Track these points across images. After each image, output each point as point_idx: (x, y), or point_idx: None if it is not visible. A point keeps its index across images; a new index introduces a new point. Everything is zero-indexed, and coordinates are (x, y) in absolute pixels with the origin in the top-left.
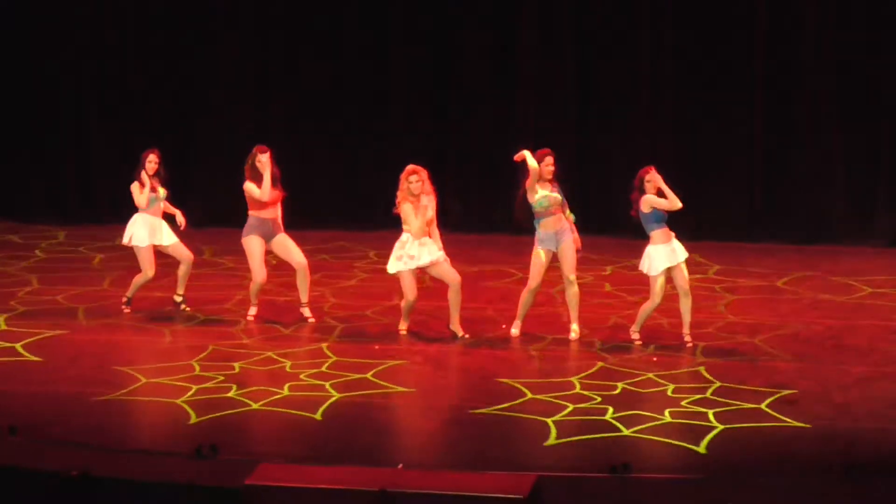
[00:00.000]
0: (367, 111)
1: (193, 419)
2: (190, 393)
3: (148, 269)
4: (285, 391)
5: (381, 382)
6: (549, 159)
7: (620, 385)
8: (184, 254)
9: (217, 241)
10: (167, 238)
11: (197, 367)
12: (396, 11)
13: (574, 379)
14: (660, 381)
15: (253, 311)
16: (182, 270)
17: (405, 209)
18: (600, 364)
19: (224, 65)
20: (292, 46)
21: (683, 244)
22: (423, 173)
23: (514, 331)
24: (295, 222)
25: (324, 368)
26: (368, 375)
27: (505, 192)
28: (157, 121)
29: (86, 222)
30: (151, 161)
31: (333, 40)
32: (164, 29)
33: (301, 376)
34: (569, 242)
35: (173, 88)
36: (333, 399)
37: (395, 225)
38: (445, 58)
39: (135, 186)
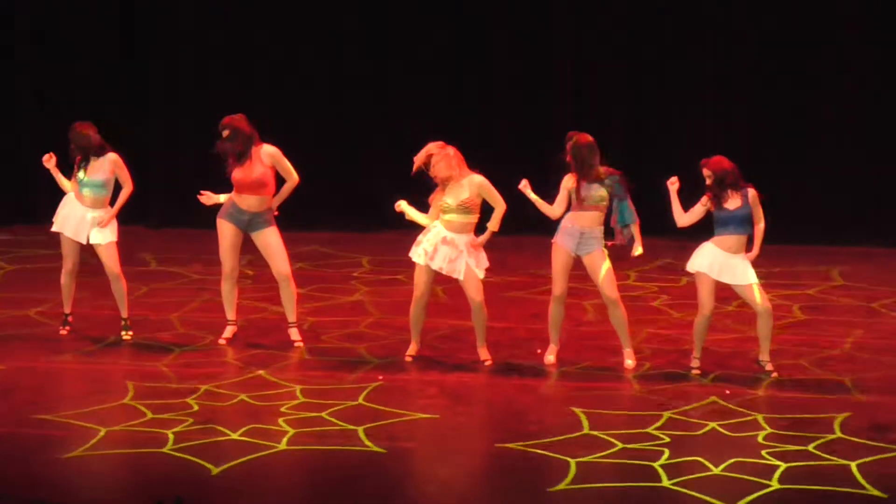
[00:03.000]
0: (379, 105)
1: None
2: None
3: (66, 259)
4: (267, 432)
5: (385, 420)
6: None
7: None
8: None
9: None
10: (93, 237)
11: (150, 408)
12: (396, 11)
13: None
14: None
15: (227, 331)
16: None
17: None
18: (666, 414)
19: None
20: (293, 46)
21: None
22: (452, 153)
23: (550, 357)
24: (289, 224)
25: (313, 402)
26: (361, 401)
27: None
28: (144, 122)
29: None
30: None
31: (334, 40)
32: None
33: (282, 408)
34: (596, 254)
35: (167, 89)
36: (325, 442)
37: (399, 226)
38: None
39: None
